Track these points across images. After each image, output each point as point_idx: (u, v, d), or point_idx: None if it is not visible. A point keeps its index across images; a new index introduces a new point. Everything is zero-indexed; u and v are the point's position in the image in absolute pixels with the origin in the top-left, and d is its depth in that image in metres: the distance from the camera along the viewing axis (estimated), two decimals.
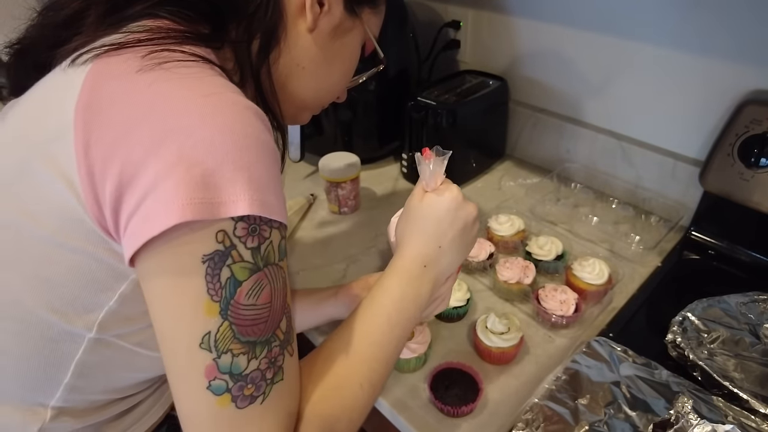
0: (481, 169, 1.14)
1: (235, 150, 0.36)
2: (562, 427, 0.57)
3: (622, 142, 0.98)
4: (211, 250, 0.36)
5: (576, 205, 0.99)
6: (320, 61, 0.53)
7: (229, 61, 0.47)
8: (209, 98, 0.37)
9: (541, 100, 1.10)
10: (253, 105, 0.40)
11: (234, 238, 0.36)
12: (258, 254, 0.38)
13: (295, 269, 0.87)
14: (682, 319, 0.70)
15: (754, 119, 0.77)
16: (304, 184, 1.11)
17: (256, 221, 0.37)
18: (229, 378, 0.37)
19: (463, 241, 0.56)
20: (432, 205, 0.54)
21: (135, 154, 0.35)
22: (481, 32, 1.15)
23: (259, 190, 0.37)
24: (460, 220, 0.55)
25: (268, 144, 0.39)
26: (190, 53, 0.41)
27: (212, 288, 0.36)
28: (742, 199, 0.80)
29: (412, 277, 0.53)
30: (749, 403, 0.59)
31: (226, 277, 0.36)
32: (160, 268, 0.36)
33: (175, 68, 0.39)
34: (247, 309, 0.37)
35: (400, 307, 0.51)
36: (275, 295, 0.39)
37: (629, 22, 0.89)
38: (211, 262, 0.36)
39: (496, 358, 0.68)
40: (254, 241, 0.37)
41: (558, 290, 0.75)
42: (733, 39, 0.79)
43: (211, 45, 0.45)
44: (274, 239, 0.39)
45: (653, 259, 0.86)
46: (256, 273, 0.38)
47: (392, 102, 1.07)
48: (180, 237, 0.35)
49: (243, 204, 0.36)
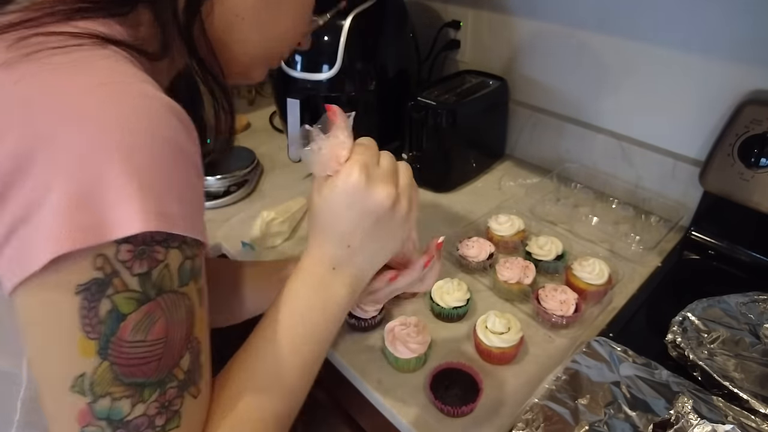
0: (481, 169, 1.14)
1: (123, 150, 0.30)
2: (562, 427, 0.57)
3: (622, 142, 0.98)
4: (87, 279, 0.30)
5: (576, 205, 0.99)
6: (262, 7, 0.44)
7: (143, 26, 0.39)
8: (93, 92, 0.31)
9: (541, 100, 1.10)
10: (162, 96, 0.33)
11: (117, 263, 0.30)
12: (148, 281, 0.32)
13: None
14: (682, 319, 0.70)
15: (754, 119, 0.77)
16: (304, 184, 1.11)
17: (146, 241, 0.31)
18: (106, 425, 0.32)
19: (381, 235, 0.45)
20: (332, 198, 0.43)
21: (1, 171, 0.29)
22: (481, 32, 1.15)
23: (153, 200, 0.30)
24: (368, 212, 0.43)
25: (174, 142, 0.32)
26: (75, 33, 0.33)
27: (88, 323, 0.30)
28: (742, 199, 0.80)
29: (319, 282, 0.45)
30: (749, 403, 0.59)
31: (106, 310, 0.31)
32: (29, 299, 0.31)
33: (48, 57, 0.31)
34: (134, 347, 0.31)
35: (306, 319, 0.44)
36: (173, 329, 0.33)
37: (629, 22, 0.89)
38: (87, 294, 0.30)
39: (496, 358, 0.68)
40: (143, 265, 0.31)
41: (558, 290, 0.74)
42: (733, 39, 0.79)
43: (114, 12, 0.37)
44: (171, 261, 0.33)
45: (653, 259, 0.86)
46: (146, 303, 0.32)
47: (392, 102, 1.07)
48: (52, 266, 0.29)
49: (128, 220, 0.29)
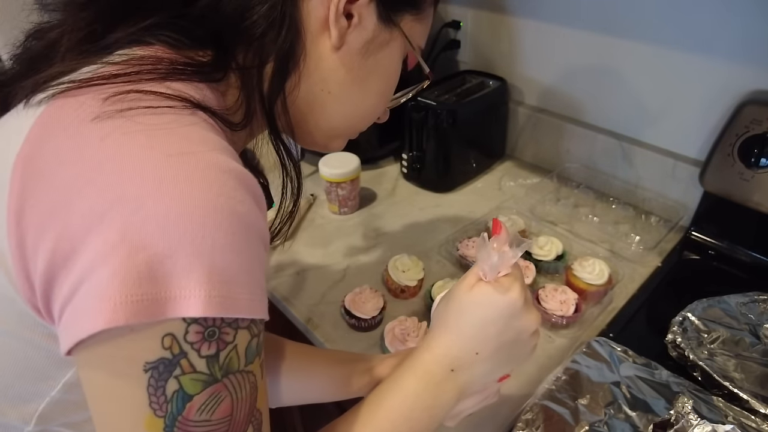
0: (481, 169, 1.14)
1: (197, 228, 0.29)
2: (562, 427, 0.57)
3: (622, 142, 0.98)
4: (156, 357, 0.29)
5: (576, 205, 0.99)
6: (350, 83, 0.44)
7: (232, 92, 0.40)
8: (174, 159, 0.30)
9: (541, 100, 1.10)
10: (238, 167, 0.32)
11: (185, 344, 0.30)
12: (216, 363, 0.31)
13: (295, 269, 0.87)
14: (682, 319, 0.70)
15: (754, 119, 0.77)
16: (304, 184, 1.11)
17: (215, 323, 0.30)
18: None
19: (510, 354, 0.45)
20: (483, 302, 0.43)
21: (72, 227, 0.29)
22: (481, 32, 1.15)
23: (222, 283, 0.30)
24: (513, 330, 0.44)
25: (246, 218, 0.31)
26: (168, 94, 0.33)
27: (155, 401, 0.30)
28: (742, 199, 0.80)
29: (434, 380, 0.44)
30: (749, 404, 0.59)
31: (173, 390, 0.30)
32: (97, 367, 0.30)
33: (140, 116, 0.31)
34: (199, 426, 0.31)
35: (412, 416, 0.43)
36: (237, 407, 0.33)
37: (629, 22, 0.89)
38: (155, 372, 0.29)
39: None
40: (211, 347, 0.31)
41: (558, 290, 0.75)
42: (734, 39, 0.79)
43: (208, 78, 0.37)
44: (240, 342, 0.32)
45: (653, 259, 0.86)
46: (213, 385, 0.31)
47: None
48: (118, 337, 0.29)
49: (197, 302, 0.29)
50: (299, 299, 0.81)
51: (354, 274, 0.86)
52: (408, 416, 0.43)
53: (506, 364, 0.46)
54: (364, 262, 0.89)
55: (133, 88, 0.33)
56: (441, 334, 0.45)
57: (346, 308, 0.75)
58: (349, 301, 0.75)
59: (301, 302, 0.81)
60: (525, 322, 0.44)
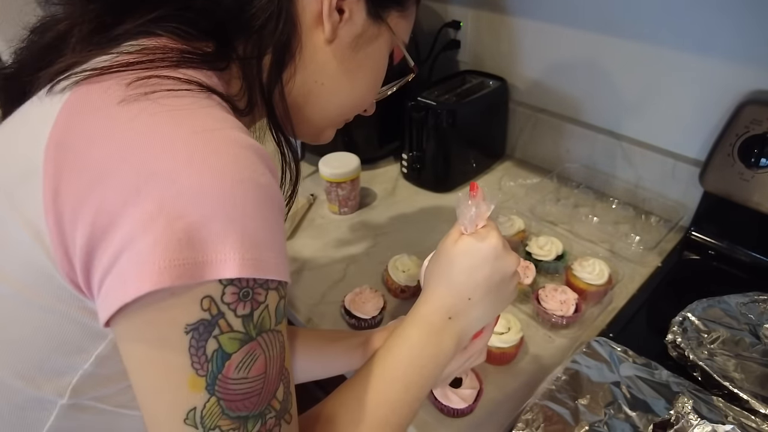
0: (481, 169, 1.14)
1: (228, 198, 0.31)
2: (562, 427, 0.57)
3: (622, 142, 0.98)
4: (196, 319, 0.31)
5: (576, 205, 0.99)
6: (342, 75, 0.47)
7: (235, 81, 0.42)
8: (200, 135, 0.32)
9: (541, 100, 1.10)
10: (255, 144, 0.35)
11: (222, 305, 0.32)
12: (250, 322, 0.33)
13: (295, 269, 0.87)
14: (682, 319, 0.70)
15: (754, 119, 0.77)
16: (304, 184, 1.11)
17: (248, 284, 0.32)
18: None
19: (498, 296, 0.49)
20: (468, 252, 0.48)
21: (109, 201, 0.31)
22: (481, 32, 1.15)
23: (253, 247, 0.32)
24: (498, 272, 0.48)
25: (269, 190, 0.34)
26: (184, 79, 0.36)
27: (197, 361, 0.32)
28: (742, 199, 0.80)
29: (434, 329, 0.48)
30: (749, 404, 0.59)
31: (213, 350, 0.32)
32: (138, 335, 0.32)
33: (163, 99, 0.33)
34: (238, 383, 0.33)
35: (419, 364, 0.46)
36: (270, 364, 0.35)
37: (629, 22, 0.89)
38: (196, 333, 0.31)
39: (496, 358, 0.68)
40: (246, 307, 0.33)
41: (558, 290, 0.75)
42: (733, 39, 0.79)
43: (214, 66, 0.40)
44: (270, 303, 0.34)
45: (653, 259, 0.86)
46: (248, 343, 0.33)
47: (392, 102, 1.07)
48: (159, 302, 0.31)
49: (233, 264, 0.31)
50: (299, 299, 0.81)
51: (354, 274, 0.86)
52: (415, 364, 0.46)
53: (496, 305, 0.50)
54: (364, 262, 0.89)
55: (152, 73, 0.35)
56: (435, 287, 0.49)
57: (346, 308, 0.75)
58: (349, 301, 0.75)
59: (301, 302, 0.81)
60: (506, 264, 0.49)
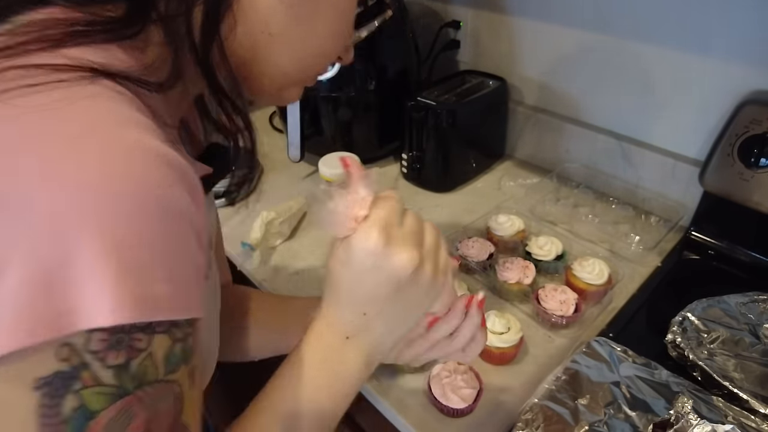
0: (481, 169, 1.14)
1: (101, 219, 0.24)
2: (562, 427, 0.57)
3: (622, 142, 0.98)
4: (49, 372, 0.25)
5: (576, 205, 0.99)
6: (293, 22, 0.38)
7: (152, 48, 0.34)
8: (68, 146, 0.25)
9: (541, 100, 1.10)
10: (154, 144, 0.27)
11: (86, 354, 0.25)
12: (125, 374, 0.26)
13: (295, 270, 0.87)
14: (682, 319, 0.70)
15: (754, 119, 0.77)
16: (304, 184, 1.11)
17: (124, 329, 0.26)
18: None
19: (403, 302, 0.41)
20: (346, 262, 0.39)
21: None
22: (481, 32, 1.15)
23: (135, 282, 0.25)
24: (388, 277, 0.39)
25: (168, 204, 0.27)
26: (61, 65, 0.27)
27: (48, 424, 0.25)
28: (742, 199, 0.80)
29: (330, 349, 0.41)
30: (749, 403, 0.59)
31: (72, 408, 0.25)
32: None
33: (21, 98, 0.25)
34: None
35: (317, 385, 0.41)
36: (156, 421, 0.28)
37: (629, 22, 0.89)
38: (49, 389, 0.25)
39: (496, 358, 0.68)
40: (120, 356, 0.26)
41: (558, 290, 0.75)
42: (733, 38, 0.79)
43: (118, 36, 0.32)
44: (156, 349, 0.27)
45: (653, 259, 0.86)
46: (123, 398, 0.27)
47: (392, 102, 1.07)
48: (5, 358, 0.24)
49: (102, 308, 0.24)
50: None
51: None
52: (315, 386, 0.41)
53: (405, 312, 0.42)
54: None
55: (11, 64, 0.27)
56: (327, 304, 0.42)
57: None
58: None
59: None
60: (396, 263, 0.38)
